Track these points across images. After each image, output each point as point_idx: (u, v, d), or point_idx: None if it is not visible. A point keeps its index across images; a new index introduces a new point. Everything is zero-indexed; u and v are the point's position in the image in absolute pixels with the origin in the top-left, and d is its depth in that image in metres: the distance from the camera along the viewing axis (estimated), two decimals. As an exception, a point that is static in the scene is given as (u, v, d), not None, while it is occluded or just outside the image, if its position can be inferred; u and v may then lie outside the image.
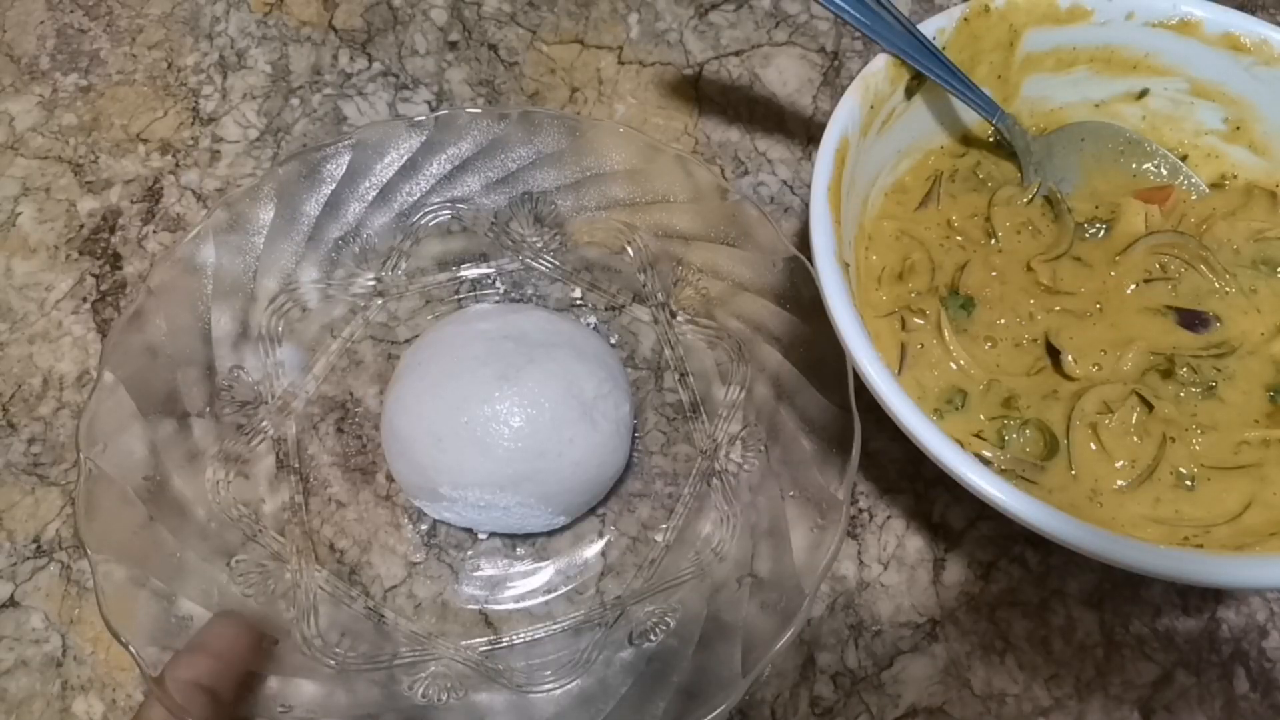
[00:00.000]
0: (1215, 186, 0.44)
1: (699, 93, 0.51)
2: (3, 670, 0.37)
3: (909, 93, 0.41)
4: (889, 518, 0.40)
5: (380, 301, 0.43)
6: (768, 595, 0.34)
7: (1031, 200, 0.43)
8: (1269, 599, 0.39)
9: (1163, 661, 0.38)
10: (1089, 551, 0.31)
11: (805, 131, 0.50)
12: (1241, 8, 0.42)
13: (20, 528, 0.39)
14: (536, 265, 0.44)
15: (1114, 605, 0.39)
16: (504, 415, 0.36)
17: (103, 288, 0.44)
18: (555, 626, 0.38)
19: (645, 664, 0.35)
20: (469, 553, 0.39)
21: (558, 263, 0.44)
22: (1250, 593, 0.40)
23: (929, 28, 0.40)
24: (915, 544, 0.40)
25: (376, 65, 0.51)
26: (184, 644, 0.32)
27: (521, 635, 0.37)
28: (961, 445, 0.32)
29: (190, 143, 0.48)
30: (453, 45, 0.52)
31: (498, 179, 0.43)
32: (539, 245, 0.44)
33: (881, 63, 0.39)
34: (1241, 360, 0.39)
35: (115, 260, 0.45)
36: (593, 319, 0.44)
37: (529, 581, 0.39)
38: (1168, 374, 0.38)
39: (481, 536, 0.40)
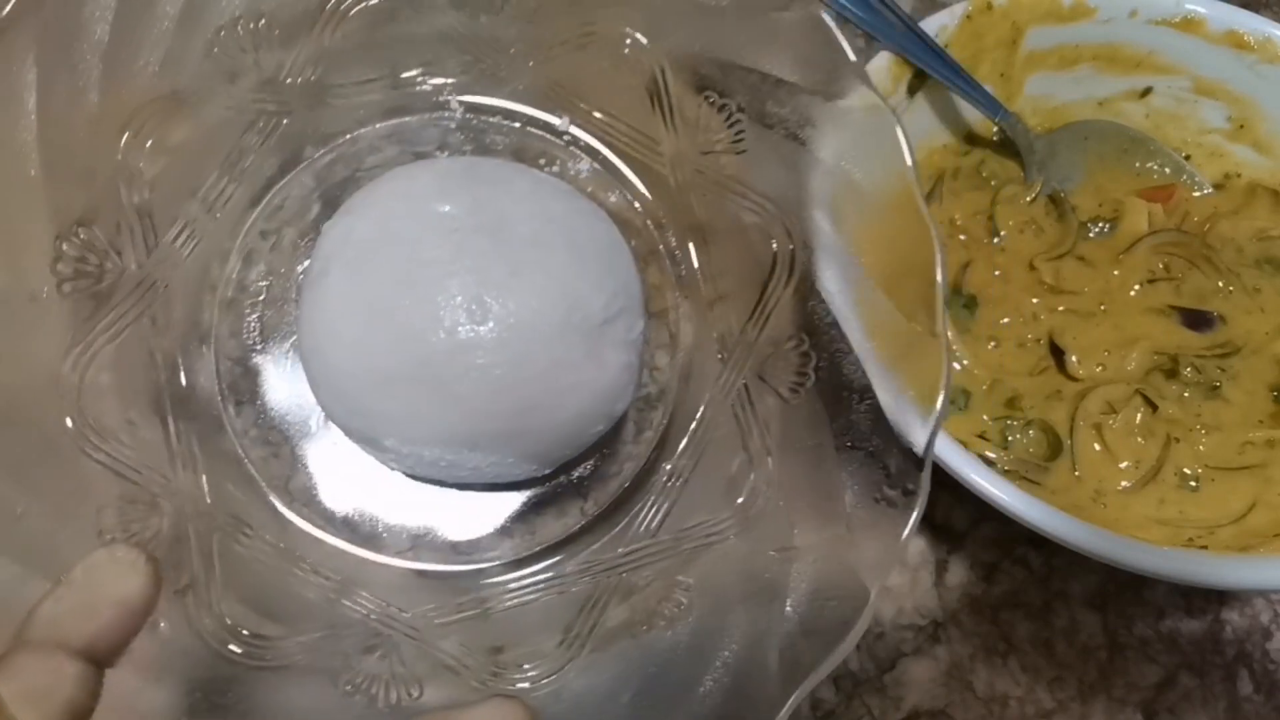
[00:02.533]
0: (1218, 185, 0.44)
1: (700, 91, 0.51)
2: None
3: (911, 91, 0.41)
4: (891, 518, 0.40)
5: (285, 122, 0.30)
6: (813, 577, 0.26)
7: (1035, 199, 0.43)
8: (1273, 600, 0.39)
9: (1166, 663, 0.38)
10: (1092, 553, 0.30)
11: (806, 130, 0.50)
12: (1245, 5, 0.42)
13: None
14: (504, 82, 0.31)
15: (1117, 607, 0.39)
16: (479, 358, 0.26)
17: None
18: (530, 594, 0.29)
19: (652, 664, 0.27)
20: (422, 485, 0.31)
21: (534, 75, 0.31)
22: (1254, 594, 0.39)
23: (931, 25, 0.40)
24: (918, 545, 0.40)
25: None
26: (58, 585, 0.23)
27: (491, 604, 0.29)
28: (965, 446, 0.32)
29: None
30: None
31: None
32: (508, 48, 0.31)
33: (883, 60, 0.39)
34: (1245, 360, 0.39)
35: (113, 259, 0.45)
36: (584, 166, 0.32)
37: (491, 527, 0.30)
38: (1172, 374, 0.38)
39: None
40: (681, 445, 0.31)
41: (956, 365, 0.38)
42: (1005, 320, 0.40)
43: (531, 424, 0.27)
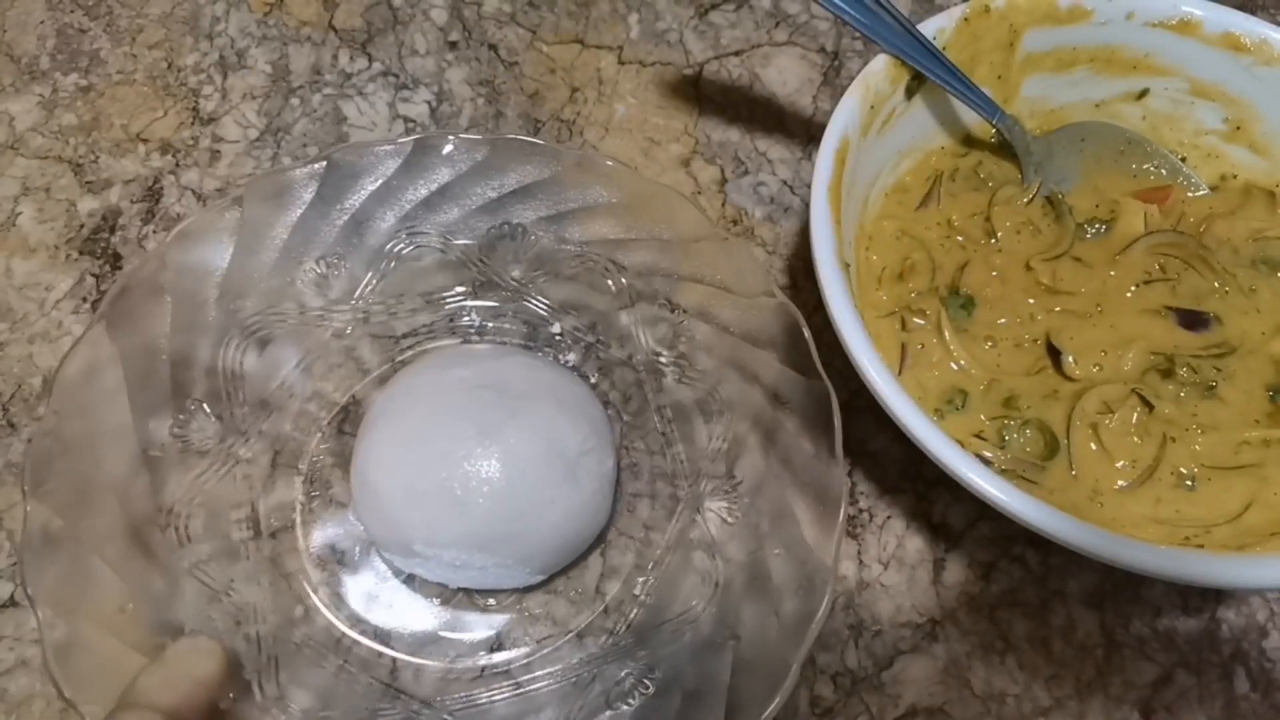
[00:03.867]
0: (1214, 186, 0.44)
1: (699, 93, 0.51)
2: (2, 670, 0.37)
3: (909, 93, 0.41)
4: (889, 518, 0.40)
5: (349, 330, 0.41)
6: (752, 660, 0.33)
7: (1032, 200, 0.43)
8: (1269, 599, 0.39)
9: (1163, 662, 0.38)
10: (1089, 552, 0.31)
11: (805, 131, 0.50)
12: (1241, 7, 0.42)
13: (20, 528, 0.39)
14: (515, 299, 0.42)
15: (1114, 605, 0.39)
16: (484, 474, 0.34)
17: (103, 288, 0.44)
18: (529, 685, 0.36)
19: None
20: (439, 600, 0.38)
21: (537, 296, 0.42)
22: (1250, 593, 0.40)
23: (929, 28, 0.40)
24: (915, 544, 0.40)
25: (376, 65, 0.51)
26: (152, 663, 0.31)
27: (498, 694, 0.36)
28: (962, 445, 0.32)
29: (190, 142, 0.48)
30: (453, 45, 0.52)
31: (477, 208, 0.41)
32: (518, 277, 0.42)
33: (881, 63, 0.39)
34: (1241, 360, 0.39)
35: (115, 260, 0.45)
36: (572, 356, 0.42)
37: (502, 635, 0.37)
38: (1168, 374, 0.38)
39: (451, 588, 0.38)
40: (650, 565, 0.38)
41: (954, 366, 0.39)
42: (1002, 321, 0.40)
43: (523, 528, 0.35)
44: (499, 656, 0.37)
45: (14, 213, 0.46)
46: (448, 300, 0.42)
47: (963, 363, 0.39)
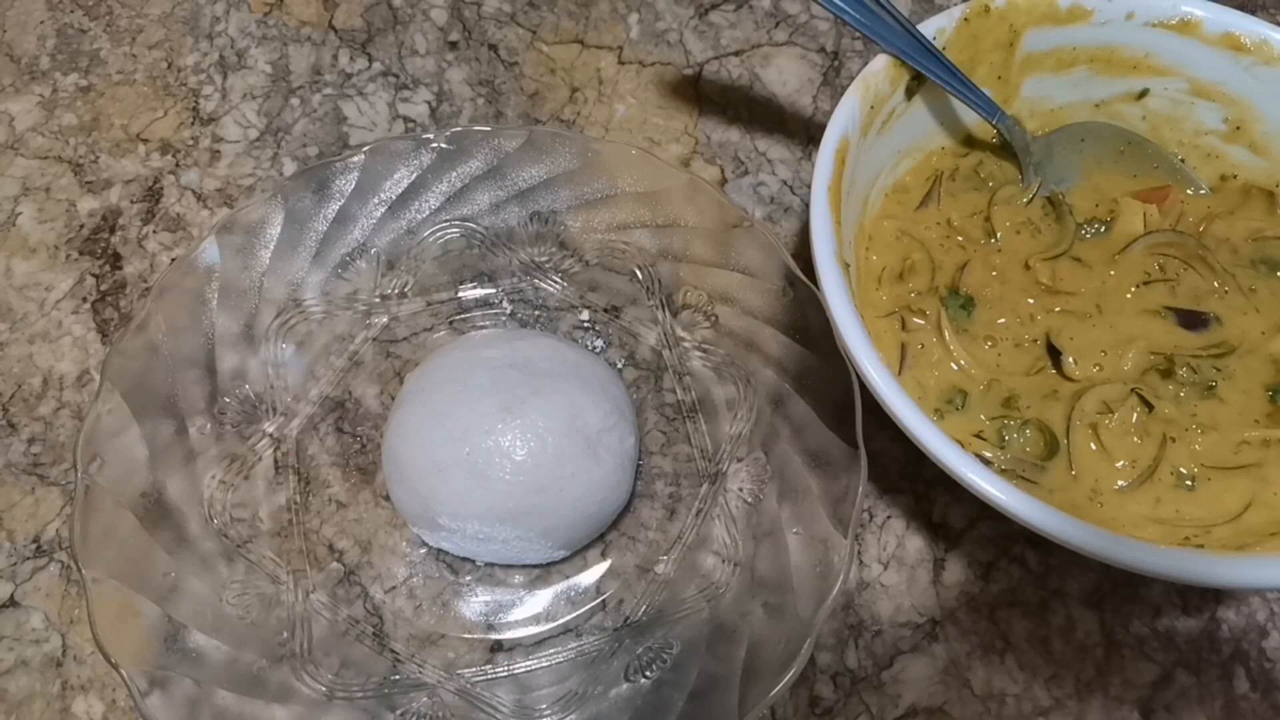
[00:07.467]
0: (1214, 187, 0.44)
1: (699, 93, 0.51)
2: (3, 670, 0.37)
3: (909, 93, 0.41)
4: (889, 518, 0.40)
5: (385, 319, 0.42)
6: (767, 636, 0.34)
7: (1032, 200, 0.43)
8: (1269, 599, 0.39)
9: (1163, 661, 0.38)
10: (1089, 551, 0.31)
11: (805, 131, 0.50)
12: (1241, 8, 0.43)
13: (20, 528, 0.39)
14: (543, 285, 0.43)
15: (1114, 605, 0.39)
16: (506, 448, 0.35)
17: (103, 288, 0.44)
18: (552, 658, 0.37)
19: (640, 700, 0.34)
20: (466, 578, 0.38)
21: (564, 283, 0.43)
22: (1250, 593, 0.40)
23: (929, 28, 0.40)
24: (915, 544, 0.40)
25: (376, 65, 0.51)
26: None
27: (518, 666, 0.37)
28: (962, 445, 0.32)
29: (190, 143, 0.48)
30: (453, 45, 0.52)
31: (507, 197, 0.42)
32: (546, 265, 0.43)
33: (881, 63, 0.39)
34: (1241, 360, 0.39)
35: (115, 260, 0.45)
36: (599, 343, 0.43)
37: (526, 610, 0.38)
38: (1167, 374, 0.38)
39: (479, 564, 0.39)
40: (671, 544, 0.39)
41: (954, 365, 0.39)
42: (1002, 320, 0.40)
43: (544, 501, 0.36)
44: (515, 632, 0.37)
45: (14, 213, 0.46)
46: (477, 288, 0.44)
47: (962, 363, 0.39)
